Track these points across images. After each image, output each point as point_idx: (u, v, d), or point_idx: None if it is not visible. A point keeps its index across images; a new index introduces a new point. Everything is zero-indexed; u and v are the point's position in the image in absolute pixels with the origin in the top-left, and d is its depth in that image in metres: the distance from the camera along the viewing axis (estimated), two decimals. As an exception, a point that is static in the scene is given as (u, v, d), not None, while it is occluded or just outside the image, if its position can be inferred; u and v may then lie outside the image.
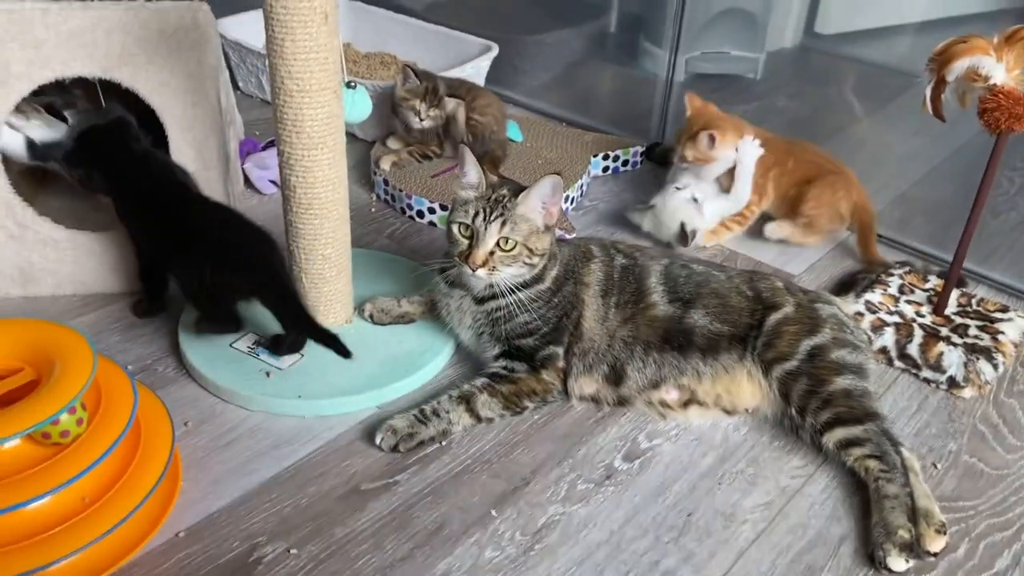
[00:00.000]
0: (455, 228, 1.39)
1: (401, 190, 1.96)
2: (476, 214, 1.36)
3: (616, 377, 1.44)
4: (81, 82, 1.63)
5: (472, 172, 1.40)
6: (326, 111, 1.34)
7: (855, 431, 1.32)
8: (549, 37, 2.79)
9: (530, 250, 1.37)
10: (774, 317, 1.44)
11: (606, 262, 1.51)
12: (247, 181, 2.04)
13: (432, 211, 1.94)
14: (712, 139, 1.81)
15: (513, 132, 2.25)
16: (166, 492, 1.22)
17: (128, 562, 1.13)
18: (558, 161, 2.16)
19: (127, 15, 1.53)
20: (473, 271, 1.36)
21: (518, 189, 1.40)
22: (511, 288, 1.39)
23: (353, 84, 1.39)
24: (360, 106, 1.42)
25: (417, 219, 1.96)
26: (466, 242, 1.37)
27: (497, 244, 1.36)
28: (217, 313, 1.47)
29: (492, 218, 1.35)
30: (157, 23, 1.54)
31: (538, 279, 1.43)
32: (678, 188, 1.86)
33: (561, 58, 2.81)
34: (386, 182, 2.01)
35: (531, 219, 1.37)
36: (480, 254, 1.36)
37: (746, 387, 1.43)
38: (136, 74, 1.55)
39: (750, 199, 1.89)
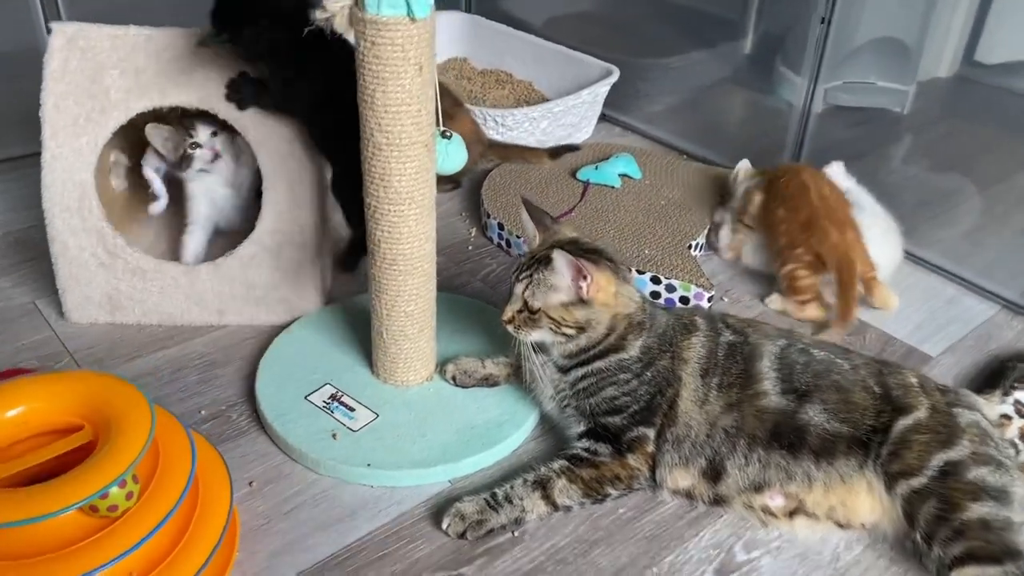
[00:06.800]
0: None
1: (519, 236, 1.85)
2: (515, 268, 1.31)
3: (714, 473, 1.29)
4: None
5: (528, 226, 1.36)
6: (415, 165, 1.25)
7: (990, 572, 1.13)
8: (676, 60, 2.62)
9: (555, 321, 1.27)
10: (903, 422, 1.26)
11: (711, 337, 1.35)
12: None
13: None
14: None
15: (631, 168, 2.11)
16: (219, 563, 1.16)
17: (172, 642, 1.07)
18: (683, 201, 2.01)
19: (229, 46, 1.47)
20: (503, 322, 1.32)
21: (566, 251, 1.24)
22: (566, 355, 1.33)
23: (448, 134, 1.29)
24: (454, 156, 1.33)
25: None
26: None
27: (525, 304, 1.29)
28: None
29: (520, 278, 1.30)
30: (257, 55, 1.48)
31: (614, 348, 1.31)
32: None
33: (687, 82, 2.62)
34: (501, 226, 1.90)
35: (560, 289, 1.27)
36: (508, 310, 1.31)
37: (864, 500, 1.25)
38: (233, 107, 1.50)
39: None
